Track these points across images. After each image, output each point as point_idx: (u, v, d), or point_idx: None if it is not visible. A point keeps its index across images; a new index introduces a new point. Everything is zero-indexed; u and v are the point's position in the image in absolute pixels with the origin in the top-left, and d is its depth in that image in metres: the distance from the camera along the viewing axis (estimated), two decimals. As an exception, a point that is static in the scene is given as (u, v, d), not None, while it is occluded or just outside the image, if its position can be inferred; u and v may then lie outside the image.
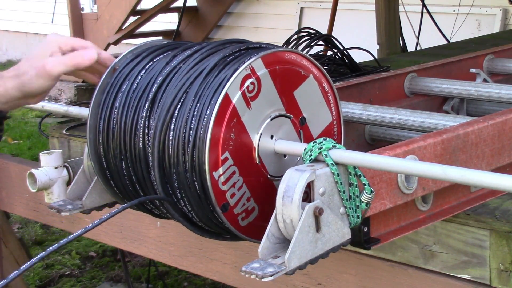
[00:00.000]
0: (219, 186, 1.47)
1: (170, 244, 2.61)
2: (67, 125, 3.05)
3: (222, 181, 1.48)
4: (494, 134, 1.85)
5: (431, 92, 2.70)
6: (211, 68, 1.53)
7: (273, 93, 1.57)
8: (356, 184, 1.47)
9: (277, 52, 1.57)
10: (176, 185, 1.51)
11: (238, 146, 1.51)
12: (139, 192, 1.62)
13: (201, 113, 1.48)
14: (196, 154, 1.46)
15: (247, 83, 1.51)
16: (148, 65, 1.65)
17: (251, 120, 1.53)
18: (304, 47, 3.23)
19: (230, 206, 1.50)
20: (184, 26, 9.33)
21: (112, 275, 4.95)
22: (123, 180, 1.63)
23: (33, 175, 1.84)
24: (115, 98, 1.63)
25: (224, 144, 1.48)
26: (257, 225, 1.55)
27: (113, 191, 1.69)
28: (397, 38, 5.74)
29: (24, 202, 3.19)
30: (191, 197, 1.50)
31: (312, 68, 1.65)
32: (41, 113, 7.55)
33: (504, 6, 7.23)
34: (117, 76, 1.66)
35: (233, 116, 1.49)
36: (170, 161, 1.50)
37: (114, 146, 1.61)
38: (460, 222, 1.89)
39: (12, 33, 12.52)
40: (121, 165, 1.61)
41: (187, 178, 1.49)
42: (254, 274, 1.35)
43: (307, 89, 1.64)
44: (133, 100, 1.60)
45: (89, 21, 8.51)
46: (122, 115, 1.60)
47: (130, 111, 1.59)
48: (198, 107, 1.49)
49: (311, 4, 8.85)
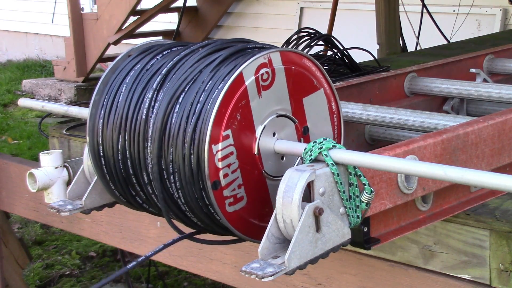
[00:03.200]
0: (214, 162, 1.48)
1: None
2: (67, 125, 3.05)
3: (219, 157, 1.48)
4: (494, 134, 1.85)
5: (431, 92, 2.70)
6: (229, 55, 1.56)
7: (284, 91, 1.59)
8: (356, 184, 1.47)
9: (296, 53, 1.60)
10: (171, 159, 1.51)
11: (241, 129, 1.52)
12: (129, 172, 1.61)
13: (212, 89, 1.49)
14: (199, 126, 1.47)
15: (263, 71, 1.54)
16: (165, 51, 1.67)
17: (259, 109, 1.54)
18: (304, 47, 3.23)
19: (220, 185, 1.49)
20: (184, 26, 9.32)
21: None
22: (115, 155, 1.62)
23: (33, 175, 1.84)
24: (126, 75, 1.65)
25: (229, 121, 1.49)
26: (242, 217, 1.54)
27: (101, 172, 1.69)
28: (397, 38, 5.74)
29: (24, 202, 3.19)
30: (183, 172, 1.50)
31: (324, 83, 1.67)
32: (41, 113, 7.55)
33: (504, 6, 7.23)
34: (132, 59, 1.68)
35: (243, 98, 1.51)
36: (171, 133, 1.51)
37: (115, 119, 1.61)
38: (460, 222, 1.89)
39: (12, 33, 12.52)
40: (117, 139, 1.61)
41: (183, 151, 1.48)
42: (254, 274, 1.35)
43: (316, 101, 1.66)
44: (146, 76, 1.61)
45: (89, 21, 8.50)
46: (131, 88, 1.62)
47: (140, 84, 1.60)
48: (210, 83, 1.50)
49: (311, 4, 8.85)
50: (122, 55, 1.71)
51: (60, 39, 10.39)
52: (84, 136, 2.61)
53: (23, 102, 2.01)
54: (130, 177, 1.63)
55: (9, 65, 11.45)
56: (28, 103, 2.02)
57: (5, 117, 8.72)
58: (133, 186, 1.66)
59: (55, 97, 8.90)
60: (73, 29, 8.47)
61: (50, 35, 11.67)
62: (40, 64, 11.36)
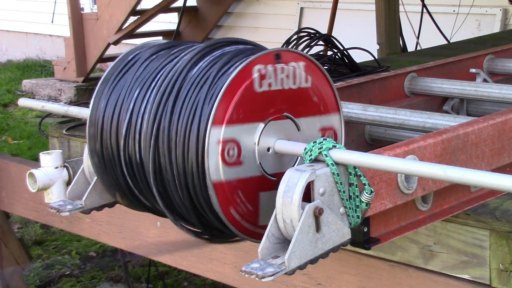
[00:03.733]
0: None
1: (170, 244, 2.61)
2: (67, 125, 3.05)
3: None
4: (494, 134, 1.85)
5: (431, 92, 2.70)
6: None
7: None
8: (356, 184, 1.47)
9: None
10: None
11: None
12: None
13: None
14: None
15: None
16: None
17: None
18: (304, 47, 3.24)
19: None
20: (184, 26, 9.32)
21: (112, 275, 4.95)
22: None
23: (33, 175, 1.84)
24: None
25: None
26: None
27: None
28: (397, 38, 5.74)
29: (24, 202, 3.19)
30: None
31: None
32: (41, 113, 7.55)
33: (504, 6, 7.23)
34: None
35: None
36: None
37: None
38: (460, 222, 1.89)
39: (12, 33, 12.52)
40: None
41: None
42: (254, 274, 1.35)
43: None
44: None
45: (89, 21, 8.50)
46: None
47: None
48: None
49: (311, 4, 8.84)
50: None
51: (60, 39, 10.39)
52: (84, 136, 2.61)
53: (23, 102, 2.01)
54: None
55: (9, 65, 11.45)
56: (28, 103, 2.01)
57: (5, 117, 8.72)
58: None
59: (55, 97, 8.90)
60: (73, 29, 8.47)
61: (50, 35, 11.67)
62: (40, 64, 11.36)
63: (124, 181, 1.66)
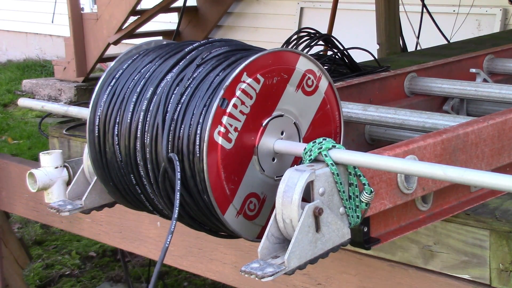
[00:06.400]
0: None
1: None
2: (67, 125, 3.05)
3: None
4: (494, 134, 1.85)
5: (431, 92, 2.70)
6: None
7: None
8: (356, 184, 1.47)
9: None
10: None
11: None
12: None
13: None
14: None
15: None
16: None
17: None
18: (304, 47, 3.23)
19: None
20: (184, 26, 9.32)
21: (112, 275, 4.95)
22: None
23: (33, 175, 1.84)
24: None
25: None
26: (228, 162, 1.53)
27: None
28: (397, 38, 5.74)
29: (24, 202, 3.19)
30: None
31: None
32: (41, 113, 7.55)
33: (504, 6, 7.23)
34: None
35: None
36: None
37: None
38: (460, 222, 1.89)
39: (12, 33, 12.52)
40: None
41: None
42: (254, 274, 1.35)
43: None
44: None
45: (89, 21, 8.49)
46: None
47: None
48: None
49: (311, 4, 8.84)
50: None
51: (60, 39, 10.39)
52: (84, 136, 2.61)
53: (23, 102, 2.01)
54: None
55: (9, 65, 11.44)
56: (28, 103, 2.01)
57: (5, 117, 8.71)
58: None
59: (55, 97, 8.90)
60: (73, 29, 8.47)
61: (50, 35, 11.67)
62: (40, 64, 11.36)
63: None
